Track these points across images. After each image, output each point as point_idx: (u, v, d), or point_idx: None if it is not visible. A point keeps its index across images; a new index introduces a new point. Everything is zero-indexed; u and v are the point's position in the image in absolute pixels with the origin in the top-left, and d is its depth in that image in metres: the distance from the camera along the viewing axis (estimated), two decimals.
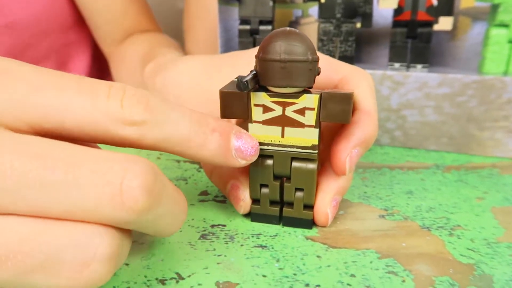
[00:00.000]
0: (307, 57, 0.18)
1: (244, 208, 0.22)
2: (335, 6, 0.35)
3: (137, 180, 0.14)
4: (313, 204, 0.21)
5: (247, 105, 0.20)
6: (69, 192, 0.13)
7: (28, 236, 0.13)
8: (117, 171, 0.14)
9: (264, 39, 0.19)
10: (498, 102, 0.30)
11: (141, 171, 0.14)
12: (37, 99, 0.14)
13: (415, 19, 0.33)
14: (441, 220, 0.22)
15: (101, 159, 0.14)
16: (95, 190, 0.13)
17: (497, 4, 0.31)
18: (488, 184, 0.27)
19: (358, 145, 0.20)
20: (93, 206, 0.13)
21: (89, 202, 0.13)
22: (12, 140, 0.13)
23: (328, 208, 0.21)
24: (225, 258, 0.19)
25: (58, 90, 0.14)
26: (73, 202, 0.13)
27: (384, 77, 0.32)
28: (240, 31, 0.36)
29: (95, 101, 0.15)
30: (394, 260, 0.19)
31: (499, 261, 0.19)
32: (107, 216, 0.14)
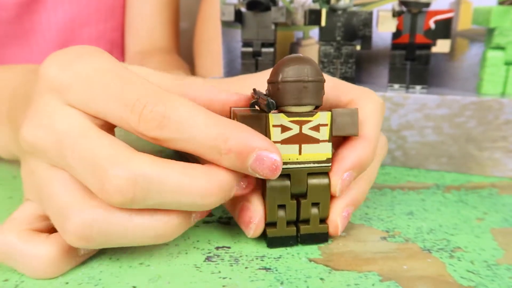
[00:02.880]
0: (322, 78, 0.20)
1: (254, 231, 0.21)
2: (335, 29, 0.36)
3: (113, 182, 0.17)
4: (327, 217, 0.22)
5: (265, 127, 0.21)
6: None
7: None
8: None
9: (280, 64, 0.20)
10: (496, 123, 0.31)
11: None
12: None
13: (413, 42, 0.34)
14: (441, 242, 0.23)
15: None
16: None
17: (493, 28, 0.32)
18: (487, 204, 0.28)
19: (350, 168, 0.21)
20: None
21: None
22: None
23: (338, 218, 0.22)
24: (230, 281, 0.19)
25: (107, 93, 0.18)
26: None
27: (384, 99, 0.33)
28: (242, 53, 0.37)
29: (124, 112, 0.18)
30: (395, 283, 0.19)
31: (499, 284, 0.19)
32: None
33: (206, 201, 0.18)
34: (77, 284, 0.19)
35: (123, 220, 0.18)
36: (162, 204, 0.18)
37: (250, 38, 0.37)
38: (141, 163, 0.17)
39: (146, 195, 0.17)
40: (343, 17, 0.35)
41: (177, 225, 0.19)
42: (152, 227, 0.19)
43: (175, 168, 0.18)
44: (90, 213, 0.18)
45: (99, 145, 0.18)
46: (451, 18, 0.33)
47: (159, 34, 0.53)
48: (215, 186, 0.18)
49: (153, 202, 0.18)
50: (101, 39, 0.53)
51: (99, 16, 0.51)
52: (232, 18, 0.35)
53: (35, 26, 0.49)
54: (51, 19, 0.49)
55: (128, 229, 0.18)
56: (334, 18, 0.35)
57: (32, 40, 0.49)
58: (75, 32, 0.51)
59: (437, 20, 0.34)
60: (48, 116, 0.18)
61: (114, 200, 0.17)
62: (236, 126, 0.19)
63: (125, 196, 0.17)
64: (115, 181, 0.17)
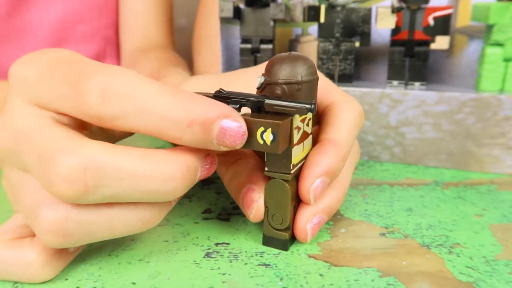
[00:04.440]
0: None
1: (256, 211, 0.21)
2: (334, 25, 0.36)
3: (60, 170, 0.15)
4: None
5: (291, 131, 0.20)
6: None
7: None
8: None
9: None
10: (495, 119, 0.31)
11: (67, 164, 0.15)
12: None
13: (412, 38, 0.34)
14: (440, 238, 0.23)
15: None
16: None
17: (491, 24, 0.32)
18: (486, 200, 0.28)
19: (322, 174, 0.20)
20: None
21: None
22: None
23: (308, 225, 0.21)
24: (230, 277, 0.19)
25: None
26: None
27: (383, 95, 0.33)
28: (241, 49, 0.37)
29: (66, 94, 0.16)
30: (395, 278, 0.19)
31: (497, 279, 0.19)
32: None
33: (170, 186, 0.17)
34: (76, 280, 0.19)
35: (91, 213, 0.17)
36: (121, 194, 0.16)
37: (249, 34, 0.37)
38: (92, 149, 0.16)
39: (99, 184, 0.16)
40: (342, 14, 0.35)
41: (150, 219, 0.18)
42: (124, 223, 0.17)
43: (132, 153, 0.16)
44: (61, 208, 0.17)
45: (50, 138, 0.16)
46: (450, 14, 0.33)
47: (154, 31, 0.53)
48: (179, 169, 0.17)
49: (110, 193, 0.16)
50: (95, 36, 0.52)
51: (92, 13, 0.51)
52: (231, 15, 0.35)
53: (26, 25, 0.48)
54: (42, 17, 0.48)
55: (99, 223, 0.17)
56: (333, 14, 0.35)
57: (24, 39, 0.49)
58: (68, 30, 0.50)
59: (436, 16, 0.34)
60: (10, 117, 0.18)
61: (64, 192, 0.16)
62: (194, 95, 0.17)
63: (75, 186, 0.15)
64: (61, 169, 0.15)
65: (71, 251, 0.20)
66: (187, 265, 0.20)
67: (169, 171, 0.16)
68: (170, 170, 0.16)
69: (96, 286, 0.19)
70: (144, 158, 0.16)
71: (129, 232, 0.18)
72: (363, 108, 0.34)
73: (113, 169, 0.16)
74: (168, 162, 0.17)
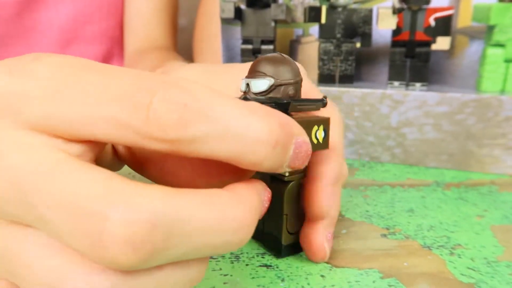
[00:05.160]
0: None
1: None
2: (335, 26, 0.36)
3: (120, 229, 0.11)
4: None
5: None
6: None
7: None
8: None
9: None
10: (496, 120, 0.31)
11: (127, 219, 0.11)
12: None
13: (413, 39, 0.34)
14: (441, 239, 0.23)
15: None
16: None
17: (492, 25, 0.32)
18: (487, 201, 0.28)
19: (331, 184, 0.20)
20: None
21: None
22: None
23: (326, 244, 0.20)
24: (231, 278, 0.19)
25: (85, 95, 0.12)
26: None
27: (384, 96, 0.33)
28: (242, 50, 0.37)
29: (119, 113, 0.12)
30: (396, 279, 0.19)
31: (499, 280, 0.19)
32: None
33: (241, 235, 0.13)
34: None
35: (144, 280, 0.12)
36: (190, 253, 0.12)
37: (250, 35, 0.37)
38: (154, 198, 0.12)
39: (170, 244, 0.12)
40: (343, 14, 0.35)
41: (204, 264, 0.14)
42: (182, 275, 0.13)
43: (196, 198, 0.12)
44: (96, 279, 0.12)
45: (83, 180, 0.12)
46: (451, 15, 0.33)
47: (158, 33, 0.54)
48: (248, 212, 0.13)
49: (179, 253, 0.12)
50: (104, 36, 0.52)
51: (101, 14, 0.51)
52: (232, 15, 0.35)
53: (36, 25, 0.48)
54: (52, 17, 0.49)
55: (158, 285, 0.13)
56: (334, 15, 0.35)
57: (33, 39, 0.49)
58: (78, 30, 0.50)
59: (437, 17, 0.34)
60: None
61: (121, 259, 0.11)
62: (272, 111, 0.14)
63: (140, 251, 0.11)
64: (117, 229, 0.11)
65: None
66: None
67: (240, 217, 0.13)
68: (240, 215, 0.13)
69: None
70: (212, 203, 0.13)
71: None
72: (365, 109, 0.34)
73: (183, 223, 0.12)
74: (238, 206, 0.13)
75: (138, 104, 0.12)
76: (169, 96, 0.12)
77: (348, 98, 0.34)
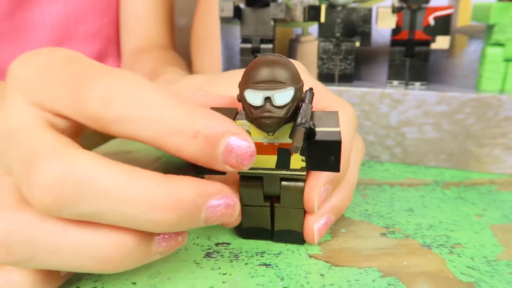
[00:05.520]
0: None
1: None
2: (334, 25, 0.35)
3: (39, 175, 0.14)
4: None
5: None
6: None
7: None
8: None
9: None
10: (496, 119, 0.31)
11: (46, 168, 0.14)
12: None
13: (413, 38, 0.34)
14: (441, 238, 0.23)
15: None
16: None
17: (492, 24, 0.32)
18: (487, 201, 0.28)
19: (326, 183, 0.20)
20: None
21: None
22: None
23: (315, 226, 0.21)
24: (230, 277, 0.19)
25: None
26: None
27: (383, 95, 0.33)
28: (241, 49, 0.37)
29: (66, 93, 0.16)
30: (396, 279, 0.19)
31: (498, 279, 0.19)
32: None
33: (158, 216, 0.15)
34: (76, 280, 0.19)
35: (55, 230, 0.15)
36: (101, 213, 0.15)
37: (249, 34, 0.36)
38: (77, 158, 0.14)
39: (78, 198, 0.14)
40: (343, 13, 0.35)
41: (129, 249, 0.15)
42: (93, 245, 0.15)
43: (121, 170, 0.15)
44: (14, 217, 0.15)
45: (39, 140, 0.15)
46: (450, 14, 0.33)
47: (155, 31, 0.53)
48: (171, 198, 0.15)
49: (88, 210, 0.14)
50: (97, 35, 0.52)
51: (95, 12, 0.51)
52: (231, 14, 0.35)
53: (28, 24, 0.48)
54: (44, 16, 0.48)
55: (61, 243, 0.15)
56: (333, 14, 0.35)
57: (25, 38, 0.48)
58: (71, 29, 0.50)
59: (436, 16, 0.34)
60: (3, 115, 0.17)
61: (39, 200, 0.14)
62: (202, 108, 0.16)
63: (51, 196, 0.14)
64: (42, 176, 0.14)
65: (62, 275, 0.18)
66: (187, 265, 0.20)
67: (158, 198, 0.15)
68: (159, 197, 0.15)
69: (96, 286, 0.19)
70: (132, 178, 0.15)
71: (82, 268, 0.16)
72: (364, 108, 0.34)
73: (93, 183, 0.14)
74: (161, 188, 0.15)
75: (78, 89, 0.15)
76: (101, 83, 0.15)
77: (347, 97, 0.34)
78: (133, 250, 0.16)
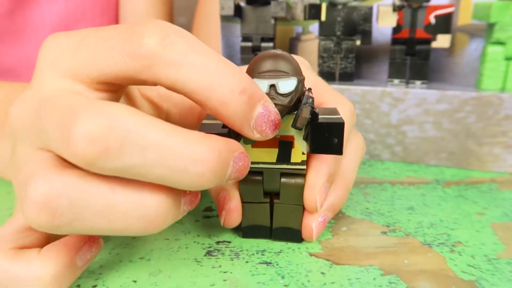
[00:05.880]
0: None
1: (224, 218, 0.21)
2: (335, 24, 0.35)
3: (82, 126, 0.14)
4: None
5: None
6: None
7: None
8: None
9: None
10: (496, 118, 0.31)
11: (91, 118, 0.14)
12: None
13: (413, 37, 0.34)
14: (442, 236, 0.23)
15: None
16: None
17: (493, 23, 0.32)
18: (487, 199, 0.28)
19: (325, 180, 0.21)
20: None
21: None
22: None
23: (314, 223, 0.21)
24: (231, 275, 0.19)
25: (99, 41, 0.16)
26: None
27: (384, 94, 0.33)
28: (242, 48, 0.37)
29: (119, 50, 0.16)
30: (396, 277, 0.19)
31: (499, 278, 0.19)
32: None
33: (200, 168, 0.15)
34: (77, 278, 0.19)
35: (102, 190, 0.15)
36: (143, 166, 0.14)
37: (250, 32, 0.36)
38: (122, 110, 0.14)
39: (122, 149, 0.14)
40: (343, 12, 0.35)
41: (169, 207, 0.16)
42: (138, 205, 0.15)
43: (163, 124, 0.15)
44: (59, 180, 0.15)
45: (76, 100, 0.15)
46: (451, 13, 0.33)
47: None
48: (211, 151, 0.15)
49: (131, 162, 0.14)
50: None
51: (95, 11, 0.51)
52: (232, 13, 0.35)
53: (28, 23, 0.48)
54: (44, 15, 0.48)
55: (108, 204, 0.15)
56: (334, 12, 0.35)
57: (25, 37, 0.48)
58: (71, 28, 0.50)
59: (437, 15, 0.34)
60: (36, 88, 0.17)
61: (83, 151, 0.14)
62: (245, 73, 0.17)
63: (95, 146, 0.14)
64: (82, 127, 0.14)
65: (80, 265, 0.18)
66: (188, 263, 0.20)
67: (199, 151, 0.15)
68: (200, 150, 0.15)
69: (97, 284, 0.19)
70: (175, 132, 0.15)
71: (127, 229, 0.15)
72: (365, 107, 0.33)
73: (139, 135, 0.14)
74: (200, 142, 0.15)
75: (131, 40, 0.16)
76: (154, 29, 0.16)
77: (348, 95, 0.34)
78: (171, 208, 0.16)
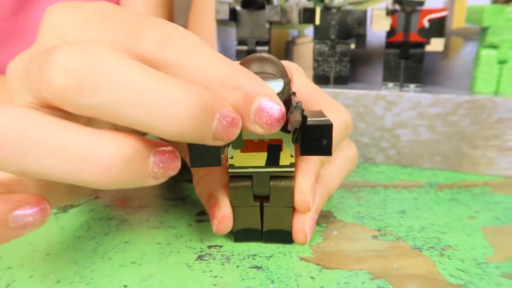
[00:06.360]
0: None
1: (216, 226, 0.21)
2: (329, 27, 0.36)
3: (57, 57, 0.14)
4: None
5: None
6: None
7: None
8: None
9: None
10: (489, 121, 0.31)
11: (69, 50, 0.14)
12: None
13: (407, 40, 0.34)
14: (432, 240, 0.23)
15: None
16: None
17: (486, 27, 0.32)
18: (480, 202, 0.28)
19: (314, 181, 0.21)
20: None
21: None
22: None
23: (307, 227, 0.22)
24: (221, 280, 0.20)
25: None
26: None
27: (378, 97, 0.33)
28: (237, 51, 0.37)
29: (121, 34, 0.16)
30: (385, 281, 0.19)
31: (488, 282, 0.19)
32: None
33: (180, 111, 0.14)
34: (68, 283, 0.19)
35: (53, 127, 0.14)
36: (118, 104, 0.14)
37: (245, 36, 0.37)
38: (100, 48, 0.14)
39: (98, 83, 0.13)
40: (338, 16, 0.35)
41: (127, 159, 0.14)
42: (93, 147, 0.14)
43: (146, 67, 0.14)
44: (7, 112, 0.14)
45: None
46: (445, 16, 0.33)
47: None
48: (194, 95, 0.14)
49: (105, 97, 0.14)
50: None
51: None
52: (227, 17, 0.35)
53: (30, 24, 0.48)
54: None
55: (57, 143, 0.14)
56: (328, 16, 0.35)
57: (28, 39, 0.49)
58: None
59: (431, 18, 0.34)
60: (34, 46, 0.17)
61: (56, 84, 0.14)
62: (244, 68, 0.17)
63: (70, 79, 0.13)
64: (59, 58, 0.14)
65: (13, 227, 0.16)
66: (179, 267, 0.20)
67: (180, 94, 0.14)
68: (182, 93, 0.14)
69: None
70: (157, 74, 0.14)
71: (77, 173, 0.14)
72: (359, 110, 0.34)
73: (116, 71, 0.14)
74: (183, 86, 0.14)
75: (133, 30, 0.16)
76: (157, 28, 0.16)
77: (342, 99, 0.34)
78: (131, 160, 0.14)
